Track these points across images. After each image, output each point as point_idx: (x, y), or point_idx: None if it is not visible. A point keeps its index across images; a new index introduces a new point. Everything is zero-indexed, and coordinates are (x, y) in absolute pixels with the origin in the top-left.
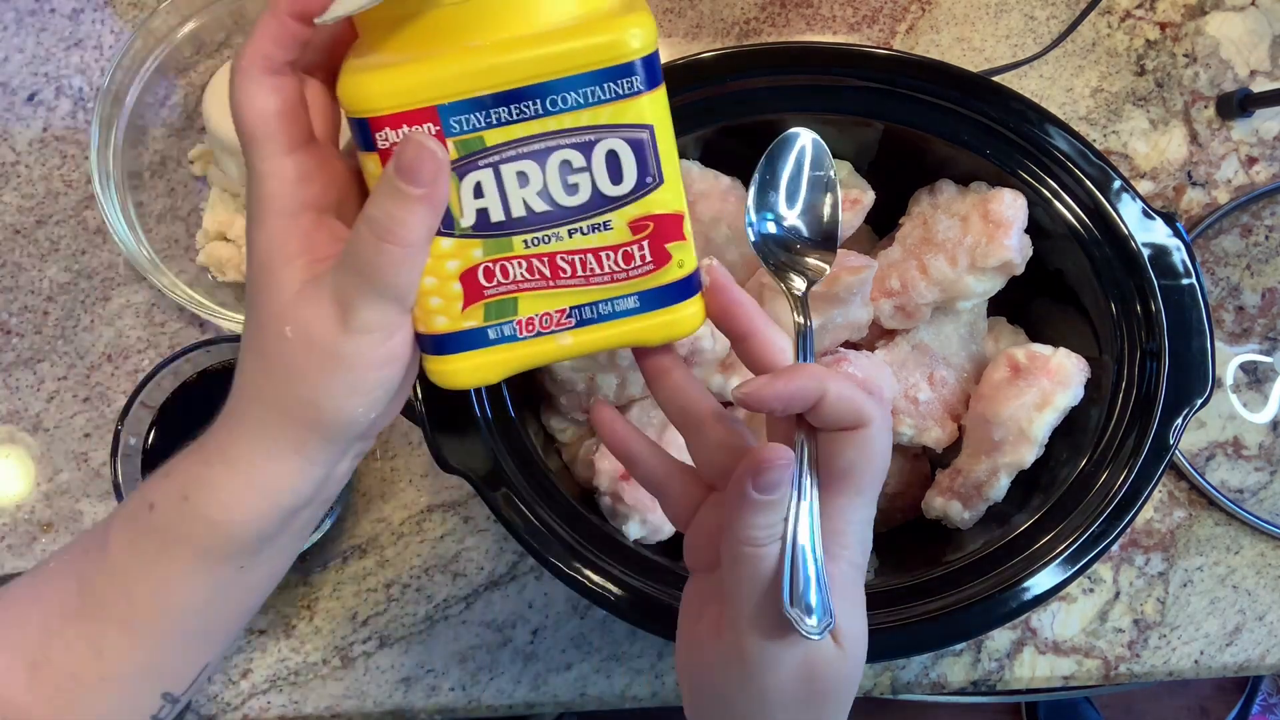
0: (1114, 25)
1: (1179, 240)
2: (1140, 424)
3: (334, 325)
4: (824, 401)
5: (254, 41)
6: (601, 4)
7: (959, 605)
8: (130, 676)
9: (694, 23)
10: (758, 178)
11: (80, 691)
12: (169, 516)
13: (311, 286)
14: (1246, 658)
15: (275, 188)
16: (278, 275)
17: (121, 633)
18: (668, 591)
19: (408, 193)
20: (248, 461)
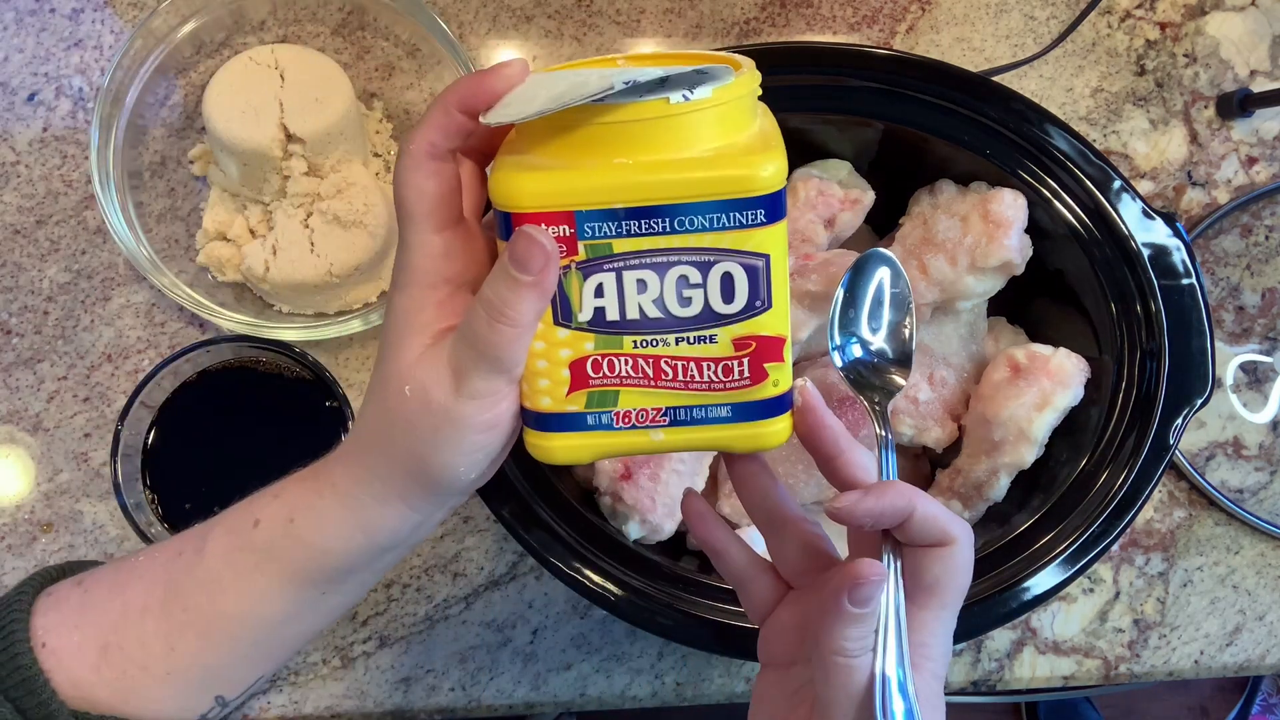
0: (1114, 25)
1: (1179, 240)
2: (1140, 424)
3: (448, 390)
4: (912, 519)
5: (423, 129)
6: (740, 137)
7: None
8: (193, 676)
9: (694, 23)
10: (840, 298)
11: (144, 681)
12: (272, 535)
13: (433, 352)
14: (1246, 658)
15: (420, 261)
16: (406, 339)
17: (198, 635)
18: (668, 591)
19: (518, 279)
20: (356, 499)
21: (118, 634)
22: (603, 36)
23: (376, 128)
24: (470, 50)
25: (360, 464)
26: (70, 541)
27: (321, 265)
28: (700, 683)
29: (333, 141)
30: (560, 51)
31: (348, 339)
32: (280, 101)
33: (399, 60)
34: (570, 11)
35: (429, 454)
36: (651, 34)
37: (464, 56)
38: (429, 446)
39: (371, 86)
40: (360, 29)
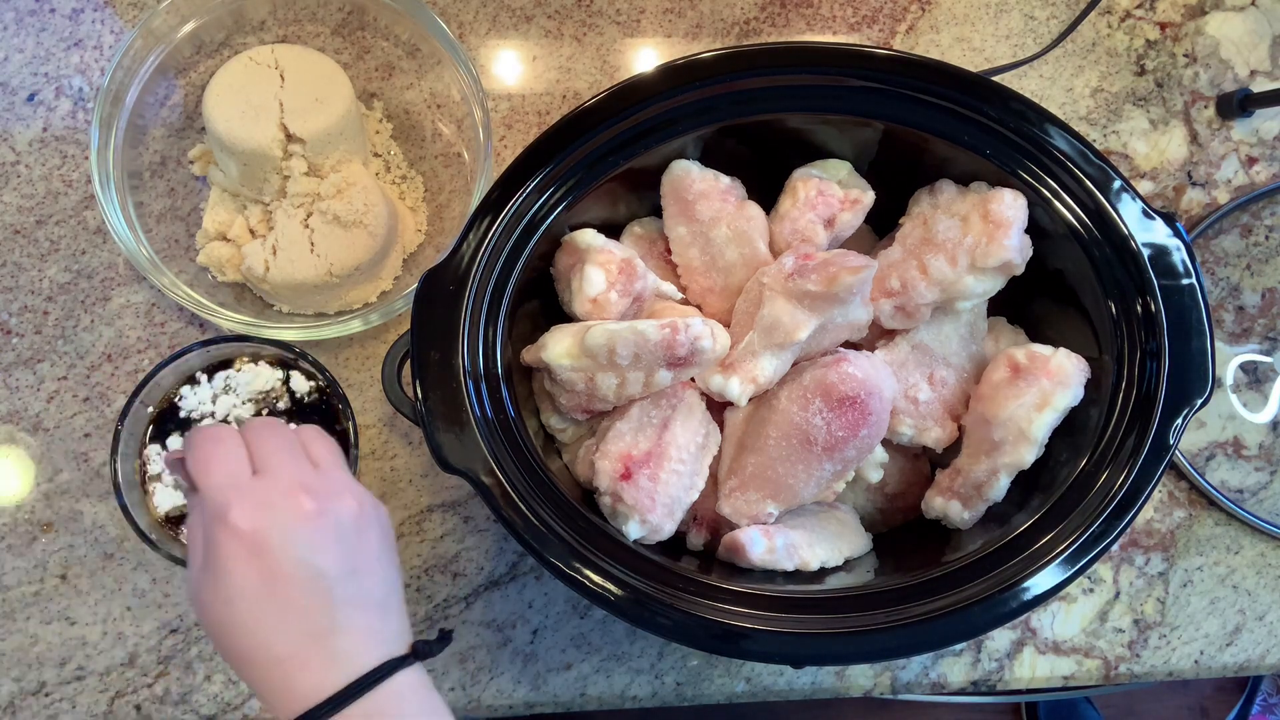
0: (1114, 25)
1: (1179, 240)
2: (1140, 424)
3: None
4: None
5: None
6: None
7: (959, 605)
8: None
9: (694, 23)
10: None
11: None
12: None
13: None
14: (1246, 658)
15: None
16: None
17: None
18: (668, 591)
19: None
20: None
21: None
22: (603, 36)
23: (376, 128)
24: (470, 50)
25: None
26: (70, 541)
27: (321, 265)
28: (700, 683)
29: (333, 141)
30: (560, 51)
31: (348, 339)
32: (280, 101)
33: (399, 60)
34: (570, 11)
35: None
36: (651, 34)
37: (464, 56)
38: None
39: (371, 86)
40: (360, 29)
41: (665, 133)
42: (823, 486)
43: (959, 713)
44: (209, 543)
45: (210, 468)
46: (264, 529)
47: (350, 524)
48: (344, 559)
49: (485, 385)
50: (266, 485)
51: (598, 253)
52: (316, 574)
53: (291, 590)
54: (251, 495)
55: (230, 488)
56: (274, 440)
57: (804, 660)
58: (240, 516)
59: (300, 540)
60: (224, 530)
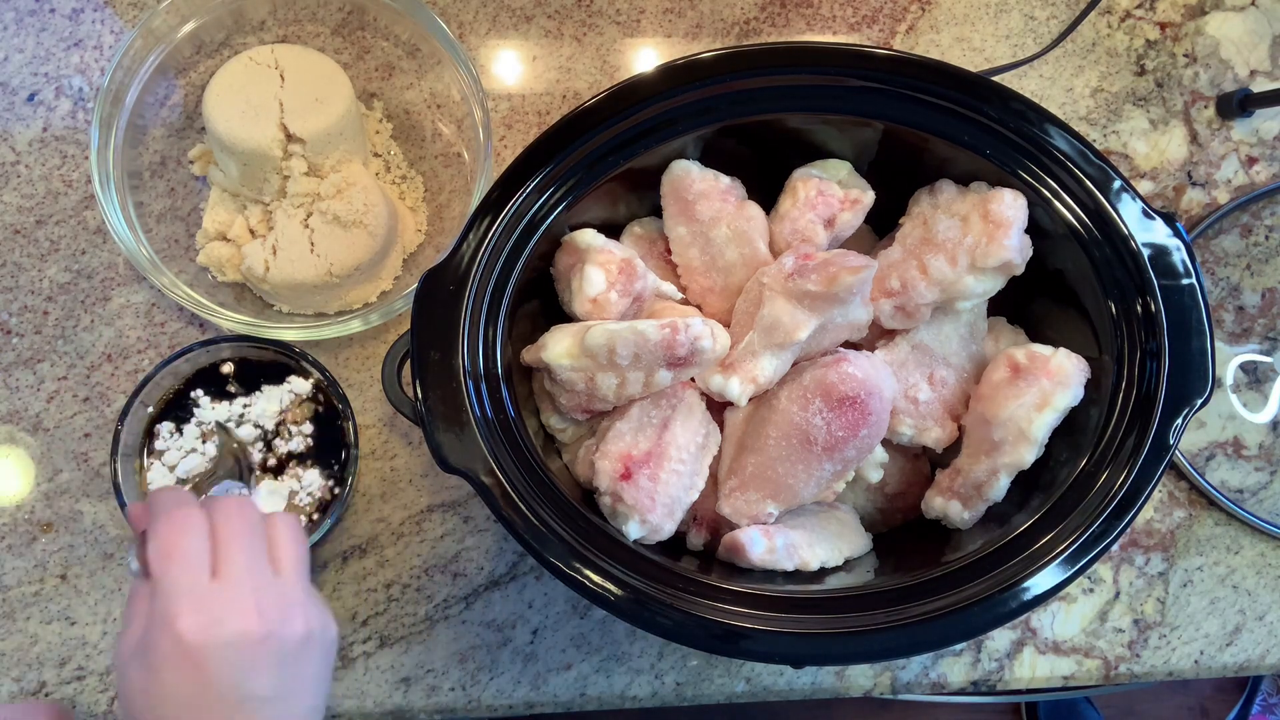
0: (1114, 25)
1: (1179, 240)
2: (1140, 424)
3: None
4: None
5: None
6: None
7: (959, 605)
8: None
9: (694, 23)
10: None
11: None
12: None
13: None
14: (1246, 658)
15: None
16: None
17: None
18: (668, 591)
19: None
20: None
21: None
22: (603, 36)
23: (376, 128)
24: (470, 50)
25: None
26: (70, 541)
27: (321, 265)
28: (700, 683)
29: (333, 141)
30: (560, 51)
31: (348, 339)
32: (280, 101)
33: (399, 60)
34: (570, 11)
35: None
36: (651, 34)
37: (464, 56)
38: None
39: (371, 86)
40: (360, 29)
41: (665, 133)
42: (823, 486)
43: (959, 713)
44: (150, 639)
45: (170, 561)
46: (208, 645)
47: (293, 647)
48: (278, 684)
49: (485, 385)
50: (221, 596)
51: (598, 253)
52: (247, 697)
53: (218, 708)
54: (204, 606)
55: (185, 592)
56: (239, 539)
57: (804, 660)
58: (188, 628)
59: (240, 663)
60: (168, 635)
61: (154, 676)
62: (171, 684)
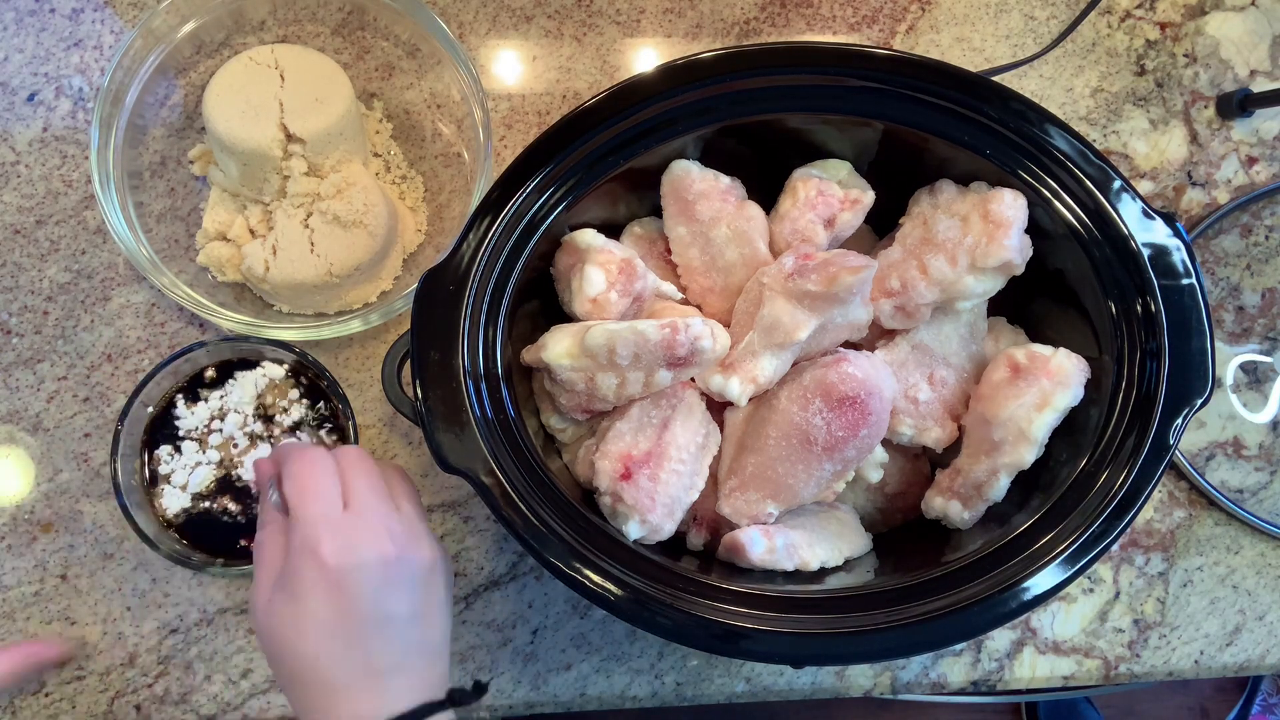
0: (1114, 25)
1: (1179, 240)
2: (1140, 424)
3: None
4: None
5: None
6: None
7: (959, 605)
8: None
9: (694, 23)
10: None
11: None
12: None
13: None
14: (1246, 658)
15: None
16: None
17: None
18: (668, 591)
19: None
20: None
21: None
22: (603, 36)
23: (376, 128)
24: (470, 50)
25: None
26: (70, 541)
27: (321, 265)
28: (700, 683)
29: (333, 141)
30: (560, 51)
31: (348, 339)
32: (280, 101)
33: (399, 60)
34: (570, 11)
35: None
36: (651, 34)
37: (464, 56)
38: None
39: (371, 86)
40: (360, 29)
41: (665, 133)
42: (823, 486)
43: (959, 713)
44: (293, 569)
45: (308, 498)
46: (348, 567)
47: (423, 573)
48: (414, 605)
49: (485, 385)
50: (356, 525)
51: (598, 253)
52: (388, 617)
53: (363, 627)
54: (342, 533)
55: (323, 522)
56: (365, 478)
57: (804, 660)
58: (330, 552)
59: (378, 584)
60: (312, 561)
61: (299, 603)
62: (318, 609)
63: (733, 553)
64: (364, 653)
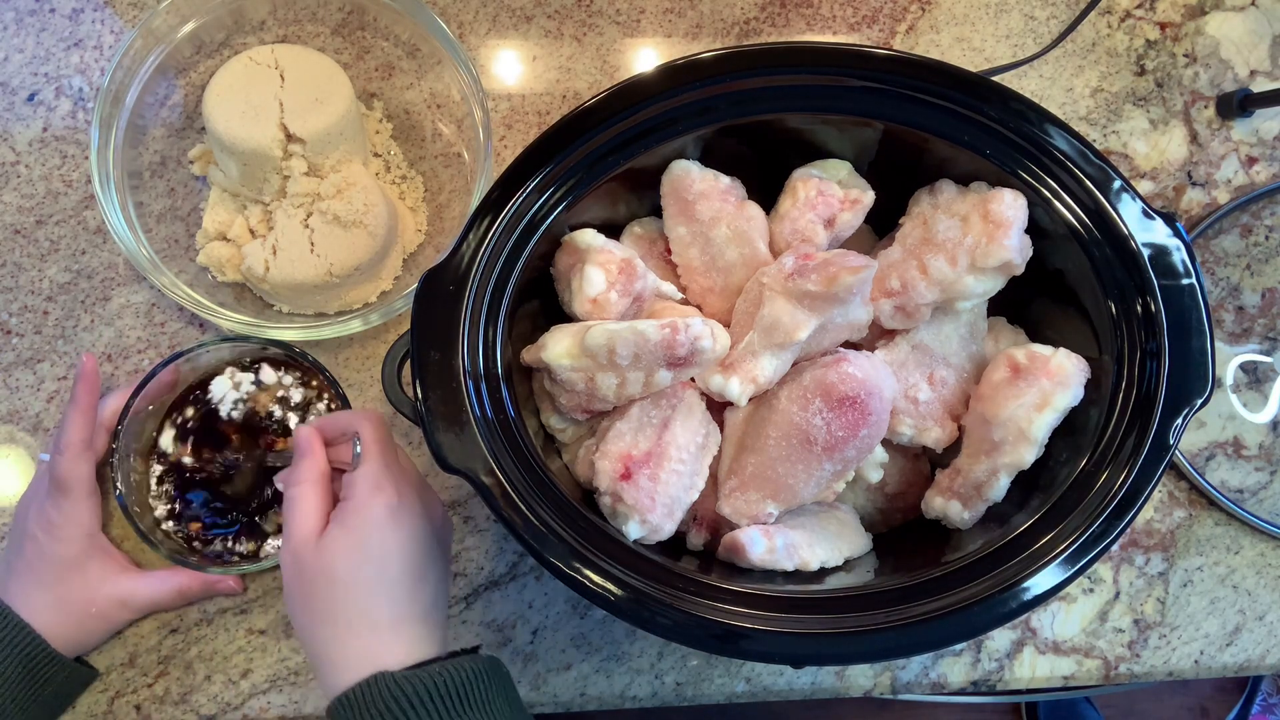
0: (1114, 25)
1: (1179, 240)
2: (1140, 424)
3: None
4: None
5: (71, 431)
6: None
7: (959, 605)
8: None
9: (694, 23)
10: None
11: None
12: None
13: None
14: (1246, 658)
15: (88, 519)
16: (90, 569)
17: None
18: (668, 591)
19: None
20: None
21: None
22: (603, 36)
23: (376, 128)
24: (470, 50)
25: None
26: None
27: (321, 265)
28: (700, 683)
29: (333, 141)
30: (560, 51)
31: (348, 339)
32: (280, 101)
33: (399, 60)
34: (570, 11)
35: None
36: (651, 34)
37: (464, 56)
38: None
39: (371, 86)
40: (360, 29)
41: (665, 133)
42: (823, 486)
43: (959, 713)
44: (365, 508)
45: (383, 446)
46: (412, 513)
47: (449, 535)
48: (445, 563)
49: (485, 385)
50: (408, 480)
51: (598, 253)
52: (430, 564)
53: (429, 569)
54: (402, 486)
55: (388, 471)
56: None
57: (804, 660)
58: (400, 493)
59: (428, 534)
60: (387, 501)
61: (374, 539)
62: (394, 542)
63: (733, 553)
64: (425, 594)
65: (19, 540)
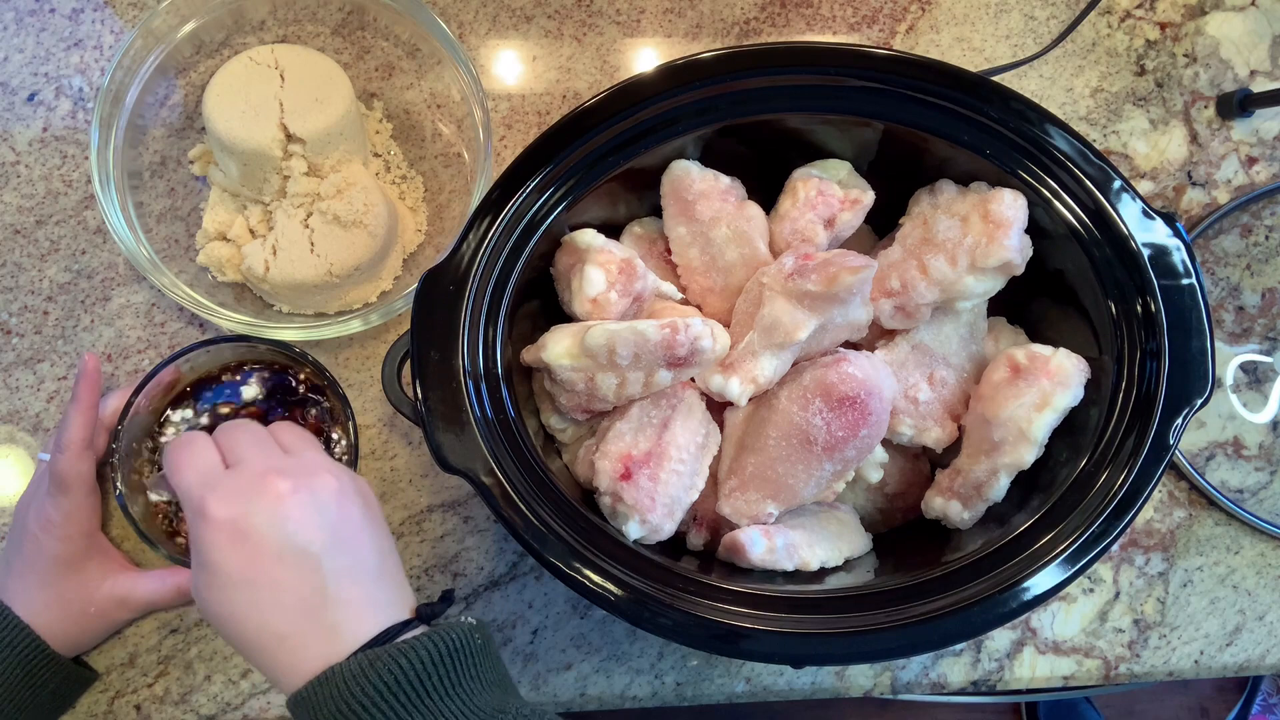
0: (1114, 25)
1: (1179, 240)
2: (1140, 424)
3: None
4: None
5: (72, 429)
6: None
7: (959, 605)
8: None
9: (694, 23)
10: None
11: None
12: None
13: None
14: (1246, 658)
15: (86, 516)
16: (85, 567)
17: None
18: (668, 591)
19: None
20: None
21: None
22: (603, 36)
23: (376, 128)
24: (470, 50)
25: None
26: None
27: (321, 265)
28: (700, 683)
29: (333, 141)
30: (560, 51)
31: (348, 339)
32: (280, 101)
33: (399, 60)
34: (570, 11)
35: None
36: (651, 34)
37: (464, 56)
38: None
39: (371, 86)
40: (360, 29)
41: (665, 133)
42: (823, 486)
43: (959, 713)
44: (194, 540)
45: (182, 469)
46: (241, 515)
47: (330, 498)
48: (328, 532)
49: (485, 385)
50: (238, 475)
51: (598, 253)
52: (301, 550)
53: (279, 570)
54: (224, 486)
55: (203, 484)
56: (243, 435)
57: (804, 660)
58: (217, 507)
59: (279, 520)
60: (204, 524)
61: (213, 571)
62: (228, 567)
63: (733, 553)
64: (292, 595)
65: (18, 539)
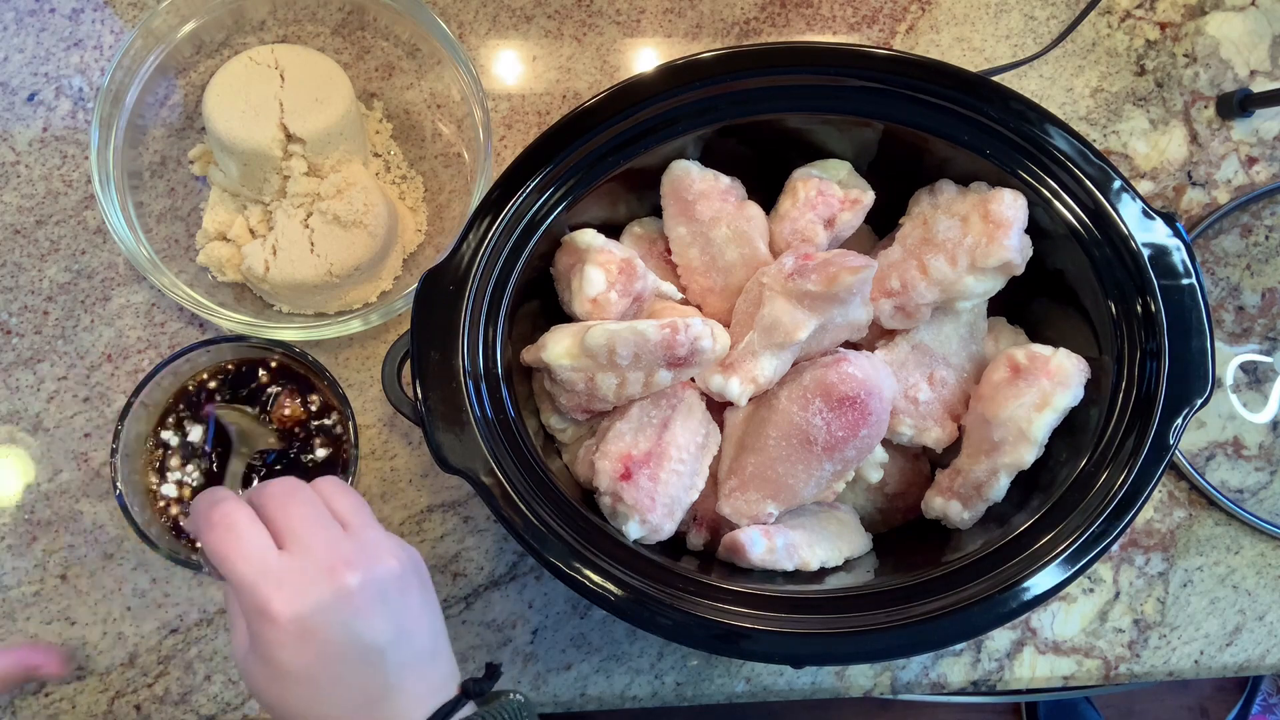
0: (1114, 25)
1: (1179, 240)
2: (1140, 424)
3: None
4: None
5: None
6: None
7: (959, 605)
8: None
9: (694, 23)
10: None
11: None
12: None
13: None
14: (1246, 658)
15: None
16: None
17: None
18: (668, 591)
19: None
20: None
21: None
22: (603, 36)
23: (376, 128)
24: (470, 50)
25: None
26: (70, 541)
27: (321, 265)
28: (700, 683)
29: (333, 141)
30: (560, 51)
31: (348, 339)
32: (280, 101)
33: (399, 60)
34: (570, 11)
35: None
36: (651, 34)
37: (464, 56)
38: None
39: (371, 86)
40: (360, 29)
41: (665, 133)
42: (823, 486)
43: (959, 713)
44: (254, 634)
45: (233, 560)
46: (307, 614)
47: (394, 587)
48: (392, 624)
49: (485, 385)
50: (301, 565)
51: (598, 253)
52: (367, 648)
53: (343, 667)
54: (288, 581)
55: (261, 578)
56: (295, 508)
57: (804, 660)
58: (282, 607)
59: (348, 618)
60: (267, 623)
61: (273, 667)
62: (290, 664)
63: (733, 553)
64: (353, 690)
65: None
